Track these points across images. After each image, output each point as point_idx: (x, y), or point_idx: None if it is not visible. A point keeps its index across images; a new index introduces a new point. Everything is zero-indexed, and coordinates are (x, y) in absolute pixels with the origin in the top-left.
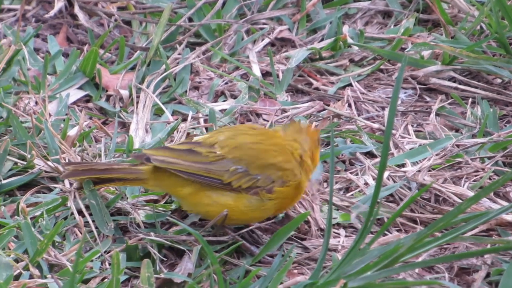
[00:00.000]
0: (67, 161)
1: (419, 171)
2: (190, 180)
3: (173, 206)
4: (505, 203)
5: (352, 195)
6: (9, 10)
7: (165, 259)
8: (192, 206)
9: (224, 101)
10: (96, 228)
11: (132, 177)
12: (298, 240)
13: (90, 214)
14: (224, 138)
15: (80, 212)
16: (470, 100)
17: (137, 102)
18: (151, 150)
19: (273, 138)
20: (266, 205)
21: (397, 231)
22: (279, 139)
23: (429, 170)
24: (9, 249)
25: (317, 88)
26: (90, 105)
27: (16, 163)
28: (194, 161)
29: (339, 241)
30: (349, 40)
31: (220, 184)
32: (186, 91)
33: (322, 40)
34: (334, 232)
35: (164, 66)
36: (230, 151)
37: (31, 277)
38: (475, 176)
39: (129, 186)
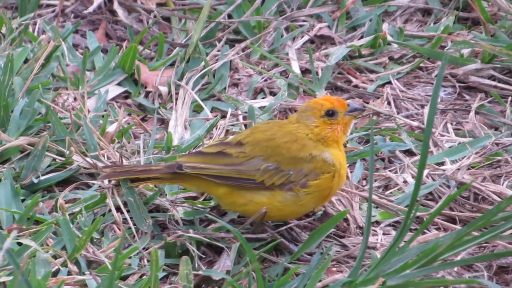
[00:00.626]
0: (105, 157)
1: (458, 169)
2: (222, 183)
3: (212, 203)
4: None
5: (391, 193)
6: (48, 6)
7: (203, 256)
8: (229, 206)
9: (263, 98)
10: (135, 225)
11: (170, 177)
12: (337, 238)
13: (128, 211)
14: (246, 133)
15: (118, 209)
16: (510, 98)
17: (176, 99)
18: (184, 157)
19: (285, 127)
20: (302, 200)
21: (436, 229)
22: (290, 127)
23: (468, 169)
24: (48, 245)
25: (356, 86)
26: (129, 101)
27: (54, 159)
28: (224, 163)
29: (377, 239)
30: (389, 38)
31: (253, 184)
32: (225, 88)
33: (361, 37)
34: (373, 230)
35: (203, 63)
36: (255, 149)
37: (69, 273)
38: None
39: (168, 184)
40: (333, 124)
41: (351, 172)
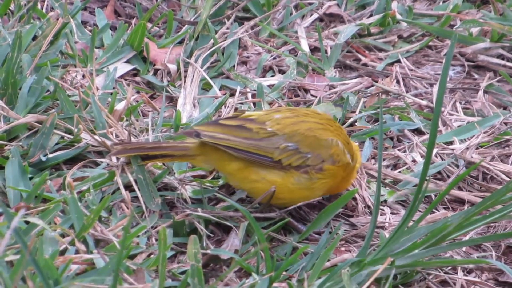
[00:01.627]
0: (114, 135)
1: (467, 148)
2: (239, 156)
3: (221, 182)
4: None
5: (399, 172)
6: None
7: (212, 235)
8: (239, 181)
9: (272, 76)
10: (143, 203)
11: (180, 153)
12: (346, 218)
13: (136, 190)
14: (281, 116)
15: (126, 187)
16: None
17: (185, 77)
18: (202, 126)
19: (327, 120)
20: (315, 184)
21: (445, 209)
22: (333, 123)
23: (477, 148)
24: (55, 223)
25: (365, 64)
26: (137, 79)
27: (62, 137)
28: (244, 137)
29: (385, 219)
30: (398, 16)
31: (270, 162)
32: (234, 66)
33: (370, 16)
34: (381, 210)
35: (212, 41)
36: (283, 128)
37: (77, 252)
38: None
39: (177, 162)
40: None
41: (360, 150)
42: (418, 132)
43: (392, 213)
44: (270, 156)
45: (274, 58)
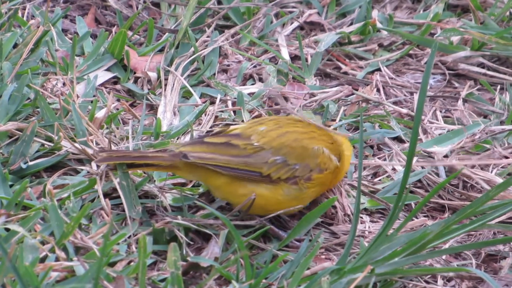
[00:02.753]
0: (94, 143)
1: (447, 156)
2: (227, 174)
3: (201, 190)
4: None
5: (379, 180)
6: None
7: (191, 242)
8: (226, 195)
9: (252, 84)
10: (123, 211)
11: (166, 164)
12: (326, 226)
13: (116, 197)
14: (266, 129)
15: (106, 195)
16: (499, 86)
17: (165, 85)
18: (188, 146)
19: (310, 128)
20: (305, 193)
21: (425, 217)
22: (315, 128)
23: (458, 154)
24: (35, 231)
25: (345, 73)
26: (118, 87)
27: (43, 145)
28: (232, 154)
29: (365, 227)
30: (378, 25)
31: (259, 177)
32: (214, 74)
33: (351, 24)
34: (362, 218)
35: (192, 49)
36: (270, 141)
37: (57, 259)
38: (503, 162)
39: (163, 172)
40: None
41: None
42: (398, 140)
43: (372, 221)
44: (259, 171)
45: (255, 66)
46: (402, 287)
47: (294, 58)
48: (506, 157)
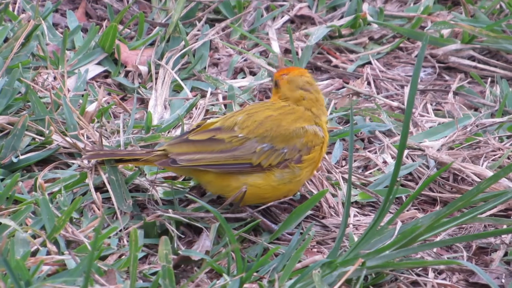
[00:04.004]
0: (85, 137)
1: (438, 150)
2: (218, 170)
3: (191, 183)
4: None
5: (370, 173)
6: None
7: (183, 236)
8: (219, 189)
9: (243, 78)
10: (114, 205)
11: (156, 159)
12: (317, 219)
13: (107, 191)
14: (243, 118)
15: (97, 189)
16: (489, 79)
17: (156, 78)
18: (173, 147)
19: (279, 105)
20: (298, 176)
21: (416, 209)
22: (281, 103)
23: (449, 149)
24: (27, 225)
25: (336, 66)
26: (108, 80)
27: (34, 139)
28: (218, 150)
29: (357, 220)
30: (369, 18)
31: (250, 168)
32: (205, 68)
33: (341, 17)
34: (353, 210)
35: (183, 43)
36: (252, 130)
37: (48, 253)
38: (494, 155)
39: (152, 166)
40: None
41: (330, 152)
42: (389, 133)
43: (363, 214)
44: (249, 162)
45: (245, 60)
46: (393, 280)
47: (285, 51)
48: (496, 150)
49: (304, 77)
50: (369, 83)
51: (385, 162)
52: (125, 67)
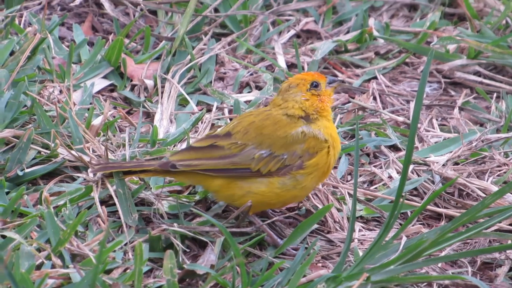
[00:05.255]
0: (90, 150)
1: (444, 165)
2: (219, 176)
3: (197, 197)
4: None
5: (376, 188)
6: None
7: (188, 250)
8: (227, 199)
9: (249, 92)
10: (119, 218)
11: (163, 170)
12: (322, 233)
13: (112, 205)
14: (241, 123)
15: (103, 202)
16: (495, 94)
17: (162, 92)
18: (176, 155)
19: (273, 110)
20: (302, 182)
21: (421, 225)
22: (277, 109)
23: (454, 164)
24: (32, 238)
25: (342, 81)
26: (114, 94)
27: (39, 152)
28: (218, 156)
29: (362, 235)
30: (375, 33)
31: (249, 173)
32: (211, 82)
33: (347, 32)
34: (357, 225)
35: (189, 57)
36: (251, 136)
37: (53, 266)
38: (499, 170)
39: (160, 176)
40: (320, 96)
41: (335, 167)
42: (394, 148)
43: (368, 229)
44: (248, 167)
45: (251, 74)
46: None
47: (290, 66)
48: (502, 166)
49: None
50: (375, 98)
51: (390, 177)
52: (131, 81)
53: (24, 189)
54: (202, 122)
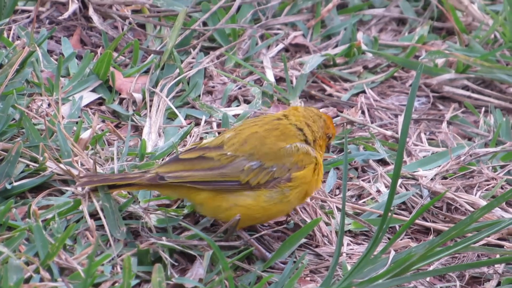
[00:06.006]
0: (79, 164)
1: (432, 179)
2: (207, 188)
3: (185, 211)
4: None
5: (364, 202)
6: (23, 11)
7: (176, 264)
8: (211, 212)
9: (237, 106)
10: (109, 232)
11: (148, 183)
12: (310, 247)
13: (100, 218)
14: (230, 135)
15: (92, 216)
16: (483, 109)
17: (150, 106)
18: (163, 167)
19: (279, 123)
20: (288, 196)
21: (409, 239)
22: (297, 118)
23: (442, 179)
24: (20, 251)
25: (330, 95)
26: (103, 108)
27: (28, 165)
28: (207, 168)
29: (350, 249)
30: (363, 47)
31: (238, 186)
32: (199, 96)
33: (336, 46)
34: (346, 239)
35: (178, 70)
36: (239, 148)
37: (41, 280)
38: (487, 185)
39: (146, 190)
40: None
41: (324, 181)
42: (383, 162)
43: (356, 243)
44: (237, 179)
45: (240, 88)
46: None
47: (279, 80)
48: (490, 180)
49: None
50: (363, 112)
51: (378, 191)
52: (120, 94)
53: (13, 202)
54: (190, 136)
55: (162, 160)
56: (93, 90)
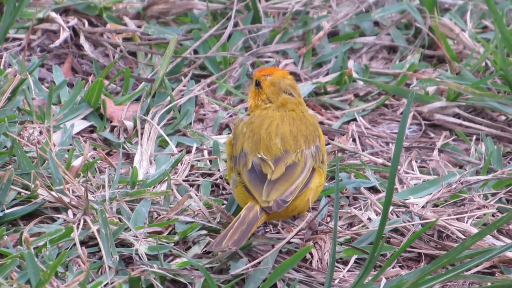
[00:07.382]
0: (70, 191)
1: (423, 207)
2: None
3: (176, 238)
4: (508, 241)
5: (355, 230)
6: (15, 39)
7: None
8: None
9: (228, 133)
10: (99, 259)
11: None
12: (302, 273)
13: (92, 246)
14: (276, 140)
15: (83, 243)
16: (475, 136)
17: (142, 134)
18: (271, 195)
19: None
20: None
21: (400, 267)
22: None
23: (433, 206)
24: (12, 279)
25: (321, 122)
26: (94, 135)
27: (19, 193)
28: (300, 171)
29: (341, 276)
30: (354, 75)
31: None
32: (190, 123)
33: (327, 74)
34: (337, 267)
35: (169, 98)
36: (293, 143)
37: None
38: (479, 213)
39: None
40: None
41: (315, 208)
42: (374, 190)
43: (348, 270)
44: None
45: (231, 116)
46: None
47: None
48: (481, 208)
49: (287, 80)
50: (354, 140)
51: (369, 219)
52: (111, 122)
53: (4, 229)
54: (181, 164)
55: (154, 187)
56: (85, 118)
